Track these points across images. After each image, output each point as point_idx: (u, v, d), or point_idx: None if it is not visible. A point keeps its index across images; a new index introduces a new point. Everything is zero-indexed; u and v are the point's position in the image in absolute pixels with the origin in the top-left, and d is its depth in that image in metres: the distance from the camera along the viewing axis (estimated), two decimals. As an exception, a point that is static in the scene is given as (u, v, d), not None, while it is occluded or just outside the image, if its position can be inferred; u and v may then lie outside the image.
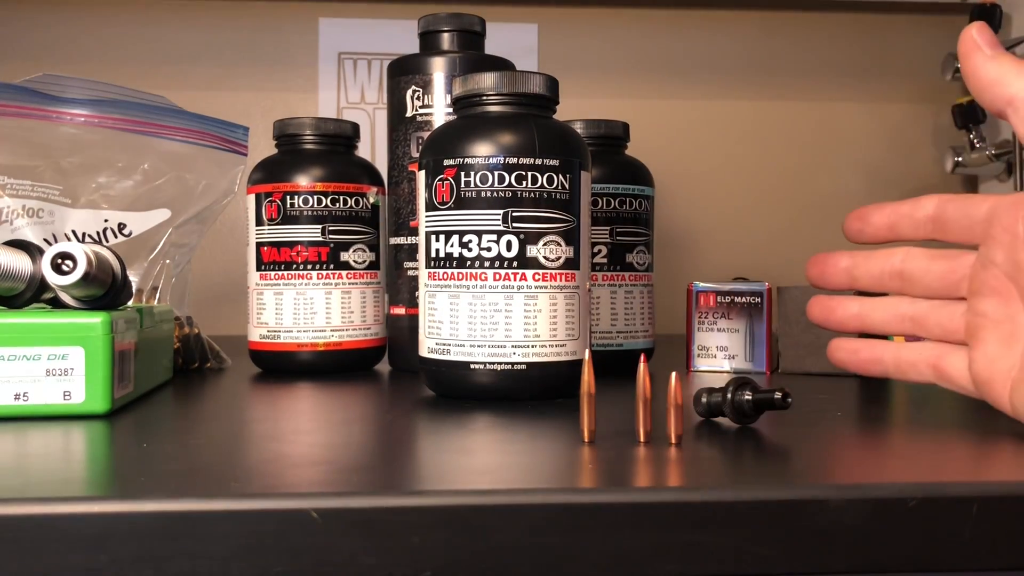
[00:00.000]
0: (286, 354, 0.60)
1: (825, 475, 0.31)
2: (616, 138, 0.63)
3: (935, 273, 0.39)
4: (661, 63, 1.03)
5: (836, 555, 0.28)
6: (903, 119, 1.05)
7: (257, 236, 0.61)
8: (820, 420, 0.41)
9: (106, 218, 0.60)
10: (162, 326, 0.53)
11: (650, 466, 0.31)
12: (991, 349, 0.37)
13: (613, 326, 0.60)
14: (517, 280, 0.45)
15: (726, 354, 0.59)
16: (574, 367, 0.46)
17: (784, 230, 1.03)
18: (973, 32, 0.36)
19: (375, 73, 0.99)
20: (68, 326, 0.41)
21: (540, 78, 0.47)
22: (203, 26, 0.98)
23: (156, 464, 0.32)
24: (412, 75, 0.61)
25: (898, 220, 0.40)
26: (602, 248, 0.60)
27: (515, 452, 0.34)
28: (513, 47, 0.99)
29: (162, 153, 0.62)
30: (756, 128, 1.04)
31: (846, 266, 0.42)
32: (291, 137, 0.62)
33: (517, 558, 0.27)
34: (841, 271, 0.42)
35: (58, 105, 0.60)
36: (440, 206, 0.46)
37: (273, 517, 0.26)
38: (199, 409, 0.47)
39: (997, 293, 0.37)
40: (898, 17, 1.04)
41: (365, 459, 0.34)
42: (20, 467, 0.33)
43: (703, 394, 0.40)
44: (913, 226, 0.40)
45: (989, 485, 0.28)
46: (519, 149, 0.45)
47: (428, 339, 0.47)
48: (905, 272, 0.40)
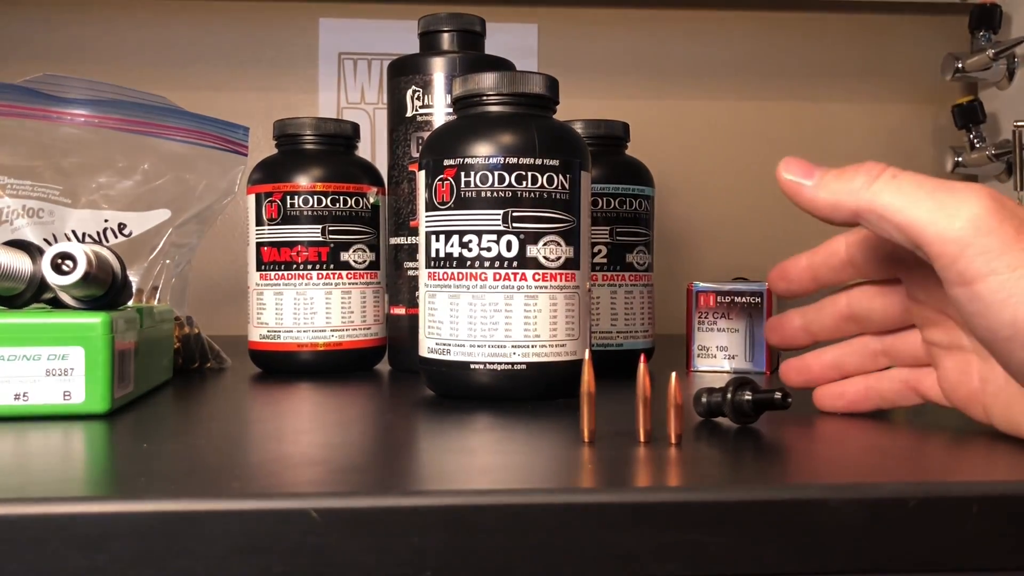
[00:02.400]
0: (286, 354, 0.60)
1: (825, 475, 0.31)
2: (616, 138, 0.63)
3: (879, 310, 0.40)
4: (661, 63, 1.03)
5: (836, 555, 0.28)
6: (903, 119, 1.05)
7: (257, 236, 0.61)
8: (820, 420, 0.41)
9: (106, 218, 0.60)
10: (162, 326, 0.53)
11: (650, 466, 0.31)
12: (952, 375, 0.37)
13: (613, 326, 0.60)
14: (517, 280, 0.45)
15: (726, 354, 0.59)
16: (574, 367, 0.46)
17: (784, 230, 1.03)
18: (784, 174, 0.35)
19: (375, 73, 0.99)
20: (68, 326, 0.41)
21: (540, 78, 0.47)
22: (203, 26, 0.98)
23: (156, 464, 0.32)
24: (412, 75, 0.61)
25: (816, 270, 0.41)
26: (602, 248, 0.60)
27: (515, 452, 0.34)
28: (513, 47, 0.99)
29: (162, 153, 0.62)
30: (756, 128, 1.04)
31: (800, 324, 0.42)
32: (291, 137, 0.62)
33: (517, 558, 0.27)
34: (798, 330, 0.42)
35: (58, 105, 0.60)
36: (440, 206, 0.46)
37: (273, 517, 0.26)
38: (199, 409, 0.47)
39: (935, 323, 0.38)
40: (898, 17, 1.04)
41: (365, 459, 0.34)
42: (20, 467, 0.33)
43: (703, 394, 0.40)
44: (833, 272, 0.40)
45: (989, 485, 0.28)
46: (519, 149, 0.45)
47: (428, 339, 0.47)
48: (854, 315, 0.40)
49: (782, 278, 0.42)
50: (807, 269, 0.41)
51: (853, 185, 0.33)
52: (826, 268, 0.40)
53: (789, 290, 0.42)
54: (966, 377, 0.36)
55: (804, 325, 0.42)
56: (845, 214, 0.34)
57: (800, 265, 0.41)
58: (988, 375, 0.35)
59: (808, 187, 0.35)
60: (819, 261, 0.40)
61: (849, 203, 0.33)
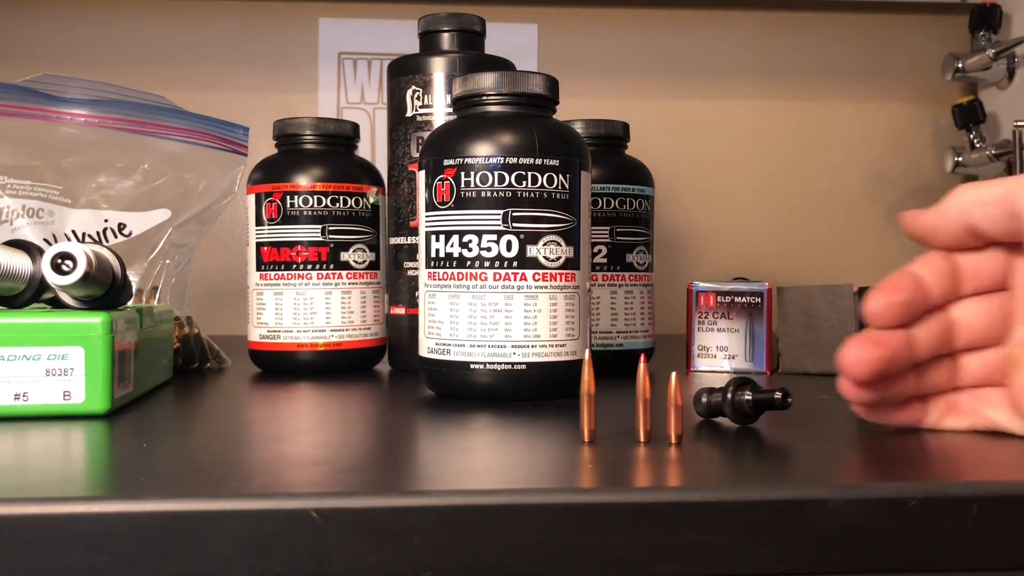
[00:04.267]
0: (286, 354, 0.60)
1: (825, 475, 0.31)
2: (616, 138, 0.63)
3: (982, 321, 0.37)
4: (661, 63, 1.03)
5: (836, 555, 0.28)
6: (903, 119, 1.05)
7: (257, 236, 0.61)
8: (820, 420, 0.41)
9: (106, 218, 0.60)
10: (162, 326, 0.53)
11: (650, 466, 0.31)
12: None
13: (613, 326, 0.60)
14: (517, 280, 0.45)
15: (726, 354, 0.59)
16: (574, 367, 0.46)
17: (784, 230, 1.03)
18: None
19: (375, 73, 0.99)
20: (68, 326, 0.41)
21: (540, 78, 0.47)
22: (203, 26, 0.98)
23: (156, 464, 0.32)
24: (412, 75, 0.61)
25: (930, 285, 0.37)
26: (602, 248, 0.60)
27: (515, 452, 0.34)
28: (513, 47, 0.99)
29: (162, 153, 0.62)
30: (756, 128, 1.04)
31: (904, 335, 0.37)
32: (291, 137, 0.62)
33: (517, 558, 0.27)
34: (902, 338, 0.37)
35: (58, 105, 0.60)
36: (440, 206, 0.46)
37: (273, 517, 0.26)
38: (199, 409, 0.47)
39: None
40: (898, 17, 1.04)
41: (365, 459, 0.34)
42: (20, 467, 0.33)
43: (703, 394, 0.40)
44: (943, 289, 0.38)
45: (989, 485, 0.28)
46: (519, 149, 0.45)
47: (428, 339, 0.47)
48: (953, 322, 0.37)
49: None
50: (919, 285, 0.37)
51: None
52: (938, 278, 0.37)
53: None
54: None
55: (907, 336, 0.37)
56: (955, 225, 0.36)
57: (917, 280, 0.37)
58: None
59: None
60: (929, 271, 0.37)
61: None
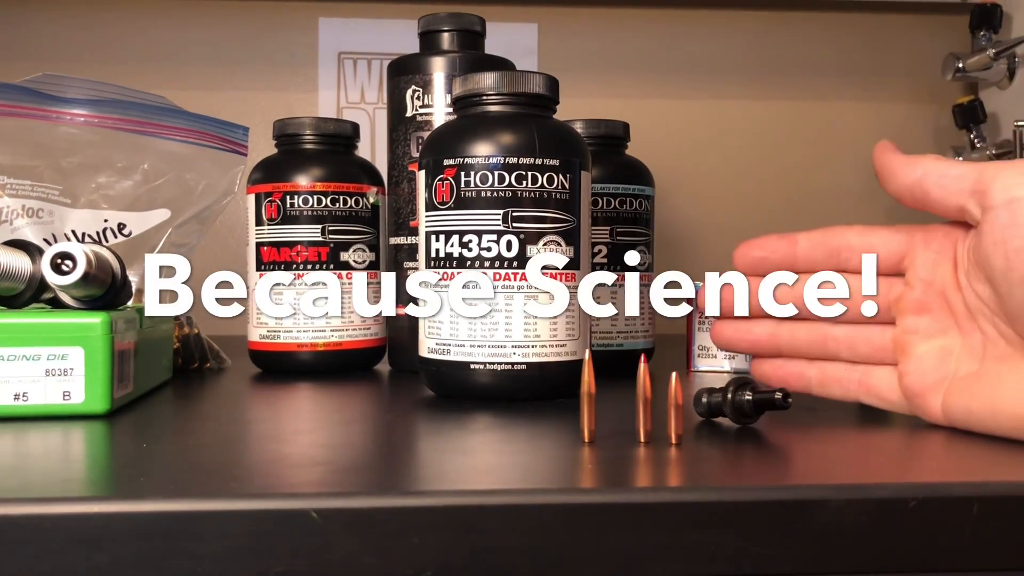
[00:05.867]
0: (286, 354, 0.60)
1: (825, 475, 0.31)
2: (616, 138, 0.63)
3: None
4: (661, 63, 1.03)
5: (836, 555, 0.28)
6: (903, 119, 1.05)
7: (257, 236, 0.61)
8: (820, 420, 0.41)
9: (106, 218, 0.60)
10: (162, 326, 0.53)
11: (650, 466, 0.31)
12: (924, 363, 0.38)
13: (613, 326, 0.60)
14: (517, 280, 0.45)
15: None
16: (574, 367, 0.46)
17: (784, 230, 1.03)
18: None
19: (375, 73, 0.99)
20: (68, 326, 0.41)
21: (540, 78, 0.47)
22: (203, 26, 0.98)
23: (156, 464, 0.32)
24: (412, 75, 0.61)
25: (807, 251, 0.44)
26: (602, 248, 0.60)
27: (515, 452, 0.34)
28: (513, 47, 0.99)
29: (162, 153, 0.62)
30: (756, 128, 1.04)
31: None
32: (291, 137, 0.62)
33: (517, 558, 0.27)
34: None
35: (58, 105, 0.60)
36: (440, 206, 0.46)
37: (273, 517, 0.26)
38: (199, 409, 0.47)
39: (927, 310, 0.38)
40: (898, 17, 1.04)
41: (365, 459, 0.34)
42: (20, 467, 0.33)
43: (703, 394, 0.40)
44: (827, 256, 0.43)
45: (989, 485, 0.28)
46: (519, 149, 0.45)
47: (428, 339, 0.47)
48: None
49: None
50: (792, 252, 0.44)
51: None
52: (823, 249, 0.42)
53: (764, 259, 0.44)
54: (940, 364, 0.37)
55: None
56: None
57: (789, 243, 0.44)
58: (963, 360, 0.37)
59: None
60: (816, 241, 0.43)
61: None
